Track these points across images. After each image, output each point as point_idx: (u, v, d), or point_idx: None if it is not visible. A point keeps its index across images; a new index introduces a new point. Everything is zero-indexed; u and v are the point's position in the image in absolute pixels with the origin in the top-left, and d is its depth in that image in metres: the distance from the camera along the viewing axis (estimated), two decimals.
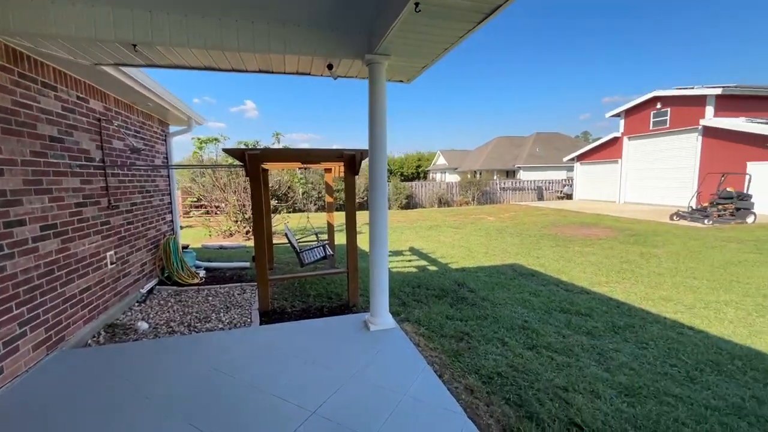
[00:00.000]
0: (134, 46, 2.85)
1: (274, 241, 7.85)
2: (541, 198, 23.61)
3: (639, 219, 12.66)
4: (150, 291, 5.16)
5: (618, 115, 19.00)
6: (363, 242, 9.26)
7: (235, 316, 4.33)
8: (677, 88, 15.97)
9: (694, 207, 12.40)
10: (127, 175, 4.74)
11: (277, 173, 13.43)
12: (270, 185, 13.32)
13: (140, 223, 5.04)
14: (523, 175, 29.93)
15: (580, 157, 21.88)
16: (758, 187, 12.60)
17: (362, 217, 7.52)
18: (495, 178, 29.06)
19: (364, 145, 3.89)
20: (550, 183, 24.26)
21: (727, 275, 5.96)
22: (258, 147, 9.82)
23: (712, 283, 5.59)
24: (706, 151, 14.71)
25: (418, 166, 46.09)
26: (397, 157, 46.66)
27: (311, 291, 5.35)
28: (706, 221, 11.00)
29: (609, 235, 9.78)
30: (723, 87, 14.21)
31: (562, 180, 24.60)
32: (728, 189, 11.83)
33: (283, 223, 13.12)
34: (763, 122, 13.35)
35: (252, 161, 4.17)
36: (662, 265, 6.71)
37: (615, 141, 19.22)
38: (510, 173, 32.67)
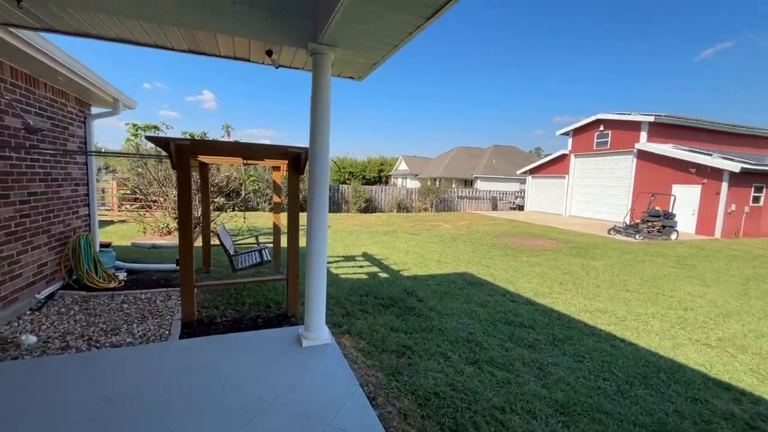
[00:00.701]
0: (18, 1, 2.33)
1: (216, 242, 7.21)
2: (495, 208, 24.54)
3: (581, 232, 13.46)
4: (50, 296, 4.41)
5: (567, 133, 20.28)
6: None
7: (151, 328, 3.78)
8: (617, 113, 17.36)
9: (628, 223, 13.44)
10: (24, 160, 4.01)
11: (227, 168, 12.57)
12: (218, 181, 12.51)
13: (40, 217, 4.29)
14: (480, 185, 31.00)
15: (533, 171, 23.06)
16: (680, 208, 13.97)
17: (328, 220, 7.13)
18: (453, 186, 29.82)
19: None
20: (504, 194, 25.31)
21: (654, 288, 6.38)
22: (196, 138, 9.06)
23: (641, 296, 5.92)
24: (640, 172, 16.09)
25: (381, 170, 46.19)
26: (360, 160, 46.38)
27: (248, 299, 4.89)
28: (637, 236, 11.93)
29: (554, 247, 10.23)
30: (655, 115, 15.65)
31: (515, 192, 25.78)
32: (656, 208, 12.97)
33: (236, 221, 12.35)
34: (687, 149, 14.87)
35: (179, 152, 3.69)
36: (600, 278, 7.05)
37: (563, 158, 20.48)
38: (468, 182, 33.72)
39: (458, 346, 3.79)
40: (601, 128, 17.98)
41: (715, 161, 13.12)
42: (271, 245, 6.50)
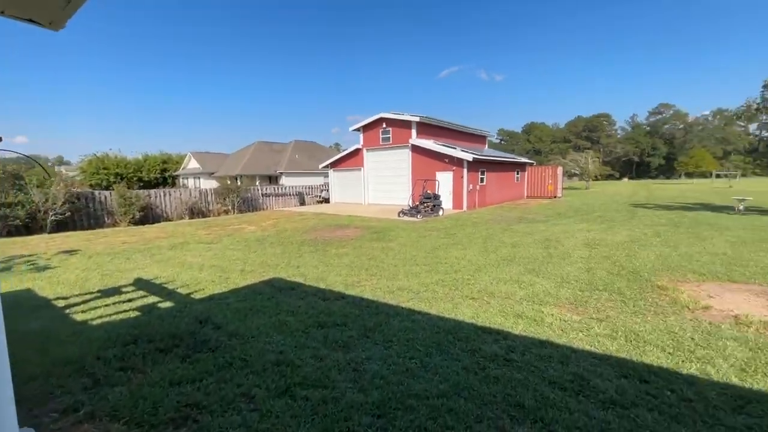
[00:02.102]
0: None
1: None
2: (303, 203, 24.62)
3: (379, 218, 15.19)
4: None
5: (358, 130, 22.42)
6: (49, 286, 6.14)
7: None
8: (393, 113, 20.51)
9: (411, 205, 16.19)
10: None
11: None
12: None
13: None
14: (286, 181, 30.43)
15: (333, 165, 24.40)
16: (443, 190, 18.02)
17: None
18: (257, 183, 27.95)
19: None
20: (310, 188, 25.74)
21: (435, 258, 7.70)
22: None
23: (427, 267, 6.98)
24: (415, 163, 19.69)
25: (165, 170, 37.91)
26: (131, 158, 36.41)
27: None
28: (418, 216, 14.52)
29: (358, 235, 10.97)
30: (420, 116, 19.43)
31: (320, 185, 26.68)
32: (428, 191, 16.19)
33: None
34: (442, 144, 19.24)
35: None
36: (396, 257, 7.93)
37: (357, 152, 22.60)
38: (273, 179, 32.46)
39: (266, 376, 3.17)
40: (384, 126, 20.80)
41: (458, 153, 17.51)
42: None
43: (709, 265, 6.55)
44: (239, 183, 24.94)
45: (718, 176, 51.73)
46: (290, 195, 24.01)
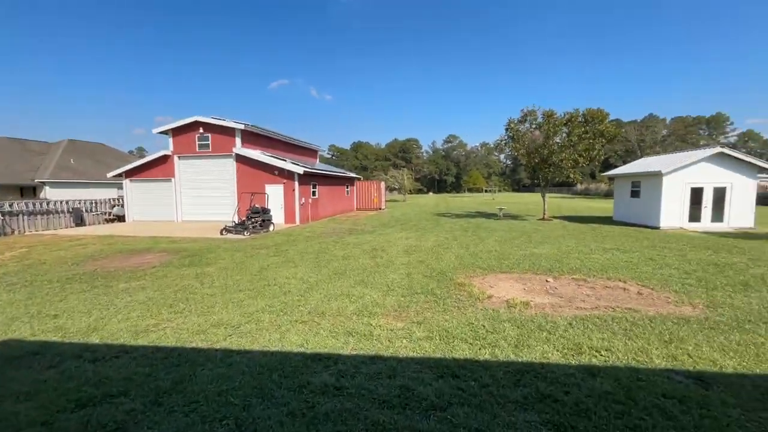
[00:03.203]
0: None
1: None
2: (82, 222, 18.41)
3: (195, 237, 12.83)
4: None
5: (166, 132, 18.64)
6: None
7: None
8: (214, 117, 18.12)
9: (236, 222, 14.47)
10: None
11: None
12: None
13: None
14: (52, 194, 22.19)
15: (130, 174, 19.39)
16: (273, 203, 17.00)
17: None
18: None
19: None
20: (94, 204, 19.52)
21: (262, 280, 6.89)
22: None
23: (252, 292, 6.13)
24: (240, 174, 17.87)
25: None
26: None
27: None
28: (246, 233, 13.08)
29: (164, 261, 8.83)
30: (245, 124, 17.83)
31: (111, 199, 20.67)
32: (256, 205, 14.90)
33: None
34: (271, 156, 18.24)
35: None
36: (215, 284, 6.68)
37: (166, 159, 18.74)
38: (28, 190, 23.10)
39: None
40: (201, 131, 18.07)
41: (288, 165, 16.96)
42: None
43: (488, 261, 8.37)
44: None
45: (486, 191, 70.34)
46: (59, 213, 17.52)
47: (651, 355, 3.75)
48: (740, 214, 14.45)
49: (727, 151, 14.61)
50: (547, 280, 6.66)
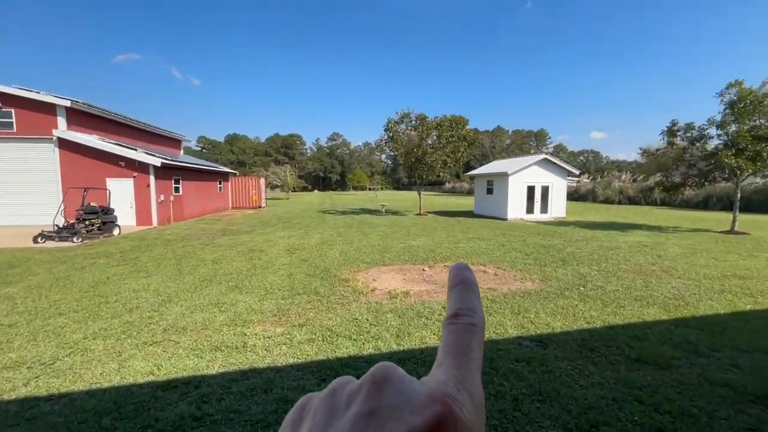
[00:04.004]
0: None
1: None
2: None
3: None
4: None
5: None
6: None
7: None
8: (20, 87, 13.60)
9: (61, 225, 11.16)
10: None
11: None
12: None
13: None
14: None
15: None
16: (118, 202, 13.78)
17: None
18: None
19: None
20: None
21: (97, 298, 5.40)
22: None
23: (80, 314, 4.72)
24: (67, 164, 13.90)
25: None
26: None
27: None
28: (75, 239, 10.20)
29: None
30: (72, 100, 13.90)
31: None
32: (93, 204, 11.80)
33: None
34: (114, 143, 14.74)
35: None
36: (17, 309, 4.91)
37: None
38: None
39: None
40: None
41: (140, 156, 14.02)
42: None
43: (371, 255, 8.54)
44: None
45: (369, 189, 73.35)
46: None
47: (506, 327, 4.33)
48: (558, 207, 18.68)
49: (549, 157, 18.68)
50: (423, 269, 7.15)
